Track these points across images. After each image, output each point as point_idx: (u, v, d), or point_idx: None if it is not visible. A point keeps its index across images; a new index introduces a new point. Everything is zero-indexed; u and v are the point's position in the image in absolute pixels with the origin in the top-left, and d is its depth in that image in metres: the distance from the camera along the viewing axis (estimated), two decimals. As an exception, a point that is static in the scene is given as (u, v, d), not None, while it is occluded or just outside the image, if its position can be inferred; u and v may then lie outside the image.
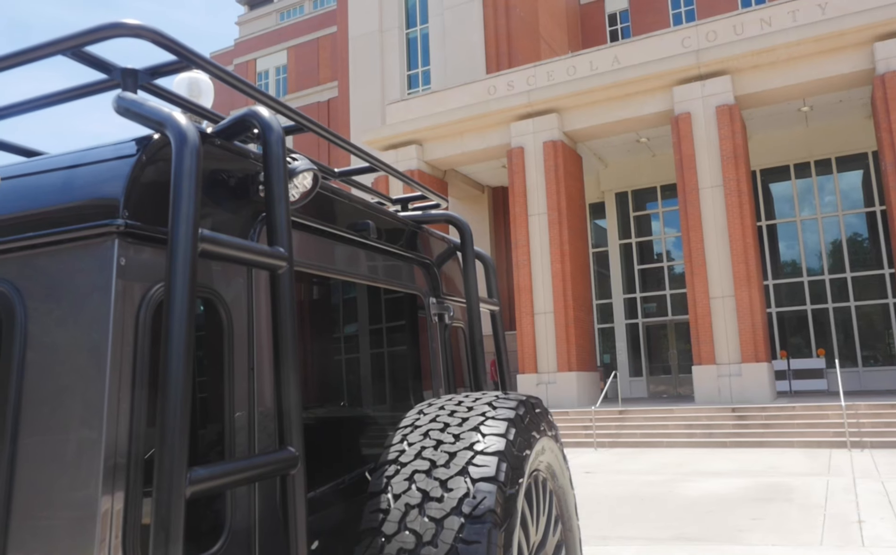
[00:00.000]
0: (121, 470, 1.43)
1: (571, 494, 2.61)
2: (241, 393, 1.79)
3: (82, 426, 1.43)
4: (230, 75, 1.87)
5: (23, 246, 1.56)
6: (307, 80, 40.60)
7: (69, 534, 1.39)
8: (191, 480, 1.32)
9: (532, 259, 23.31)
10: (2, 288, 1.56)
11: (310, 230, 2.23)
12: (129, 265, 1.50)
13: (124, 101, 1.58)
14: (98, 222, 1.49)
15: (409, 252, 2.91)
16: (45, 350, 1.50)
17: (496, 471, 1.87)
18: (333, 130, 2.42)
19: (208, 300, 1.75)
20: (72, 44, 1.64)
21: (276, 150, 1.70)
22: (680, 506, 10.63)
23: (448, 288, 3.22)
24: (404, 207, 3.22)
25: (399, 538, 1.82)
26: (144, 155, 1.57)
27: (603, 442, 19.01)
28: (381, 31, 31.91)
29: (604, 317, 28.65)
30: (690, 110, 21.51)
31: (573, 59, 23.66)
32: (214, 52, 45.16)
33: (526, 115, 23.85)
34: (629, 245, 28.40)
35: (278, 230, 1.67)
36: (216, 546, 1.66)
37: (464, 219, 3.03)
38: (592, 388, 23.44)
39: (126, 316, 1.48)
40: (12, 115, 2.01)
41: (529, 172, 23.63)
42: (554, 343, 22.73)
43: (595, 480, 13.69)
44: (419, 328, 2.98)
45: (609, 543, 8.77)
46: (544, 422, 2.30)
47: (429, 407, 2.21)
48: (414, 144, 25.57)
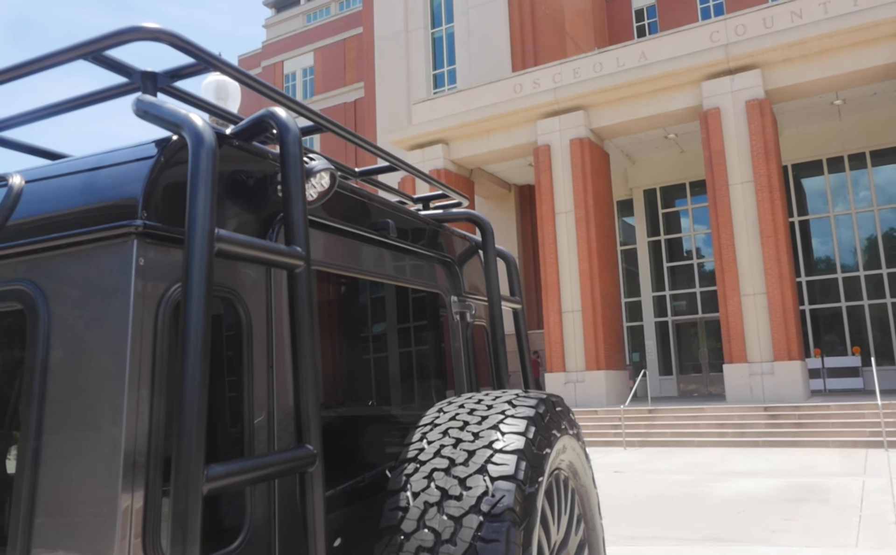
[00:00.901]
0: (140, 467, 1.45)
1: (594, 493, 2.59)
2: (261, 391, 1.80)
3: (103, 424, 1.45)
4: (248, 76, 1.88)
5: (45, 247, 1.59)
6: (333, 82, 40.85)
7: (90, 530, 1.41)
8: (208, 477, 1.33)
9: (559, 257, 23.18)
10: (26, 288, 1.59)
11: (330, 230, 2.24)
12: (148, 265, 1.52)
13: (143, 104, 1.60)
14: (117, 223, 1.51)
15: (430, 251, 2.91)
16: (67, 349, 1.53)
17: (515, 469, 1.86)
18: (360, 131, 2.43)
19: (228, 299, 1.76)
20: (92, 48, 1.67)
21: (293, 150, 1.71)
22: (711, 506, 10.49)
23: (470, 286, 3.21)
24: (426, 205, 3.22)
25: (418, 536, 1.82)
26: (163, 156, 1.59)
27: (632, 441, 18.85)
28: (406, 31, 31.99)
29: (632, 315, 28.39)
30: (719, 105, 21.22)
31: (599, 56, 23.48)
32: (242, 55, 45.67)
33: (552, 112, 23.72)
34: (658, 242, 28.10)
35: (295, 230, 1.68)
36: (235, 543, 1.68)
37: (484, 217, 3.02)
38: (621, 386, 23.25)
39: (145, 315, 1.50)
40: (36, 120, 2.05)
41: (556, 170, 23.50)
42: (582, 341, 22.59)
43: (624, 479, 13.57)
44: (441, 327, 2.98)
45: (638, 543, 8.69)
46: (565, 420, 2.29)
47: (448, 405, 2.21)
48: (440, 143, 25.58)
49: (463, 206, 3.23)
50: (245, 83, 1.88)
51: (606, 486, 12.88)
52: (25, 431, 1.52)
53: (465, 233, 3.29)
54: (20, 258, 1.63)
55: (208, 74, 9.73)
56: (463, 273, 3.15)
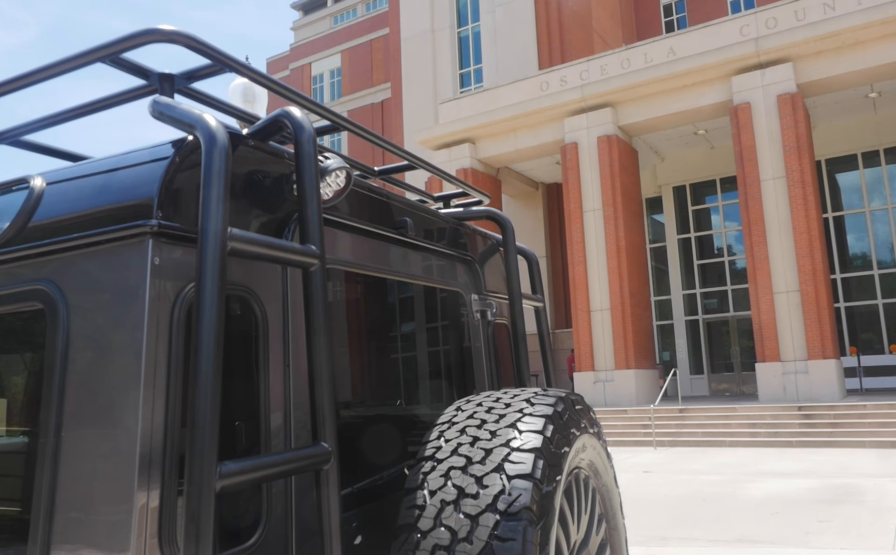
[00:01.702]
0: (156, 465, 1.46)
1: (616, 492, 2.56)
2: (277, 389, 1.81)
3: (119, 422, 1.47)
4: (262, 76, 1.90)
5: (64, 247, 1.62)
6: (361, 83, 41.04)
7: (107, 526, 1.44)
8: (220, 474, 1.34)
9: (587, 256, 23.02)
10: (46, 288, 1.62)
11: (348, 229, 2.25)
12: (163, 264, 1.54)
13: (159, 106, 1.62)
14: (133, 223, 1.54)
15: (450, 249, 2.90)
16: (85, 348, 1.55)
17: (532, 468, 1.85)
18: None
19: (244, 298, 1.78)
20: (110, 51, 1.69)
21: (308, 149, 1.72)
22: (743, 507, 10.33)
23: (491, 285, 3.20)
24: (446, 204, 3.21)
25: (434, 534, 1.81)
26: (177, 157, 1.61)
27: (662, 441, 18.64)
28: (432, 31, 32.01)
29: (662, 313, 28.08)
30: (750, 100, 20.88)
31: (627, 52, 23.26)
32: (270, 57, 46.11)
33: (579, 110, 23.57)
34: (688, 240, 27.75)
35: (310, 228, 1.69)
36: (252, 539, 1.69)
37: (505, 215, 3.00)
38: (651, 386, 23.01)
39: (160, 314, 1.52)
40: (58, 124, 2.09)
41: (584, 168, 23.34)
42: (611, 340, 22.40)
43: (654, 479, 13.43)
44: (461, 325, 2.97)
45: (668, 544, 8.58)
46: (585, 419, 2.26)
47: (467, 404, 2.20)
48: (467, 142, 25.56)
49: (484, 204, 3.21)
50: (260, 83, 1.89)
51: (636, 486, 12.76)
52: (46, 428, 1.55)
53: (486, 231, 3.28)
54: (41, 258, 1.66)
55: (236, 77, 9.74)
56: (484, 271, 3.14)
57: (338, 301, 2.35)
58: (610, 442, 19.19)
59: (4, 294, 1.70)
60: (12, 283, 1.69)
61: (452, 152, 25.71)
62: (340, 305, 2.37)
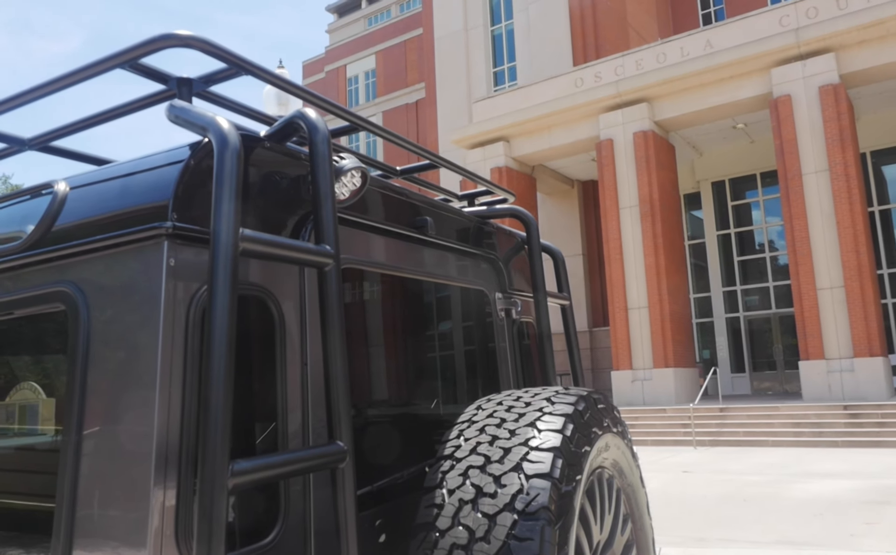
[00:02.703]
0: (173, 463, 1.49)
1: (643, 492, 2.52)
2: (294, 388, 1.83)
3: (136, 421, 1.50)
4: (276, 77, 1.91)
5: (85, 250, 1.66)
6: (395, 83, 41.23)
7: (125, 523, 1.47)
8: (233, 472, 1.36)
9: (624, 253, 22.77)
10: (68, 289, 1.66)
11: (368, 228, 2.25)
12: (178, 266, 1.56)
13: (174, 109, 1.65)
14: (149, 225, 1.56)
15: (473, 248, 2.89)
16: (104, 348, 1.59)
17: (551, 467, 1.83)
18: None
19: (260, 298, 1.79)
20: (128, 57, 1.73)
21: (322, 149, 1.73)
22: (785, 508, 10.11)
23: (517, 283, 3.18)
24: (471, 202, 3.20)
25: (452, 534, 1.81)
26: (192, 159, 1.63)
27: (703, 440, 18.35)
28: (465, 30, 32.00)
29: (702, 311, 27.63)
30: (791, 92, 20.40)
31: (663, 46, 22.93)
32: (306, 60, 46.62)
33: (614, 106, 23.32)
34: (728, 236, 27.25)
35: (325, 228, 1.70)
36: (269, 537, 1.70)
37: (528, 212, 2.98)
38: (691, 384, 22.65)
39: (176, 314, 1.55)
40: (81, 130, 2.14)
41: (619, 165, 23.09)
42: (649, 339, 22.12)
43: (693, 479, 13.23)
44: (486, 324, 2.96)
45: (707, 545, 8.44)
46: (608, 418, 2.23)
47: (487, 402, 2.19)
48: (501, 140, 25.48)
49: (509, 202, 3.20)
50: (277, 85, 1.91)
51: (675, 486, 12.59)
52: (68, 427, 1.59)
53: (510, 229, 3.26)
54: (63, 261, 1.70)
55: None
56: (508, 269, 3.12)
57: (359, 301, 2.36)
58: (648, 442, 18.97)
59: (29, 296, 1.75)
60: (37, 285, 1.74)
61: (486, 151, 25.65)
62: (362, 305, 2.38)
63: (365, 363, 2.40)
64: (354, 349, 2.31)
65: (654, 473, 14.12)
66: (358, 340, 2.36)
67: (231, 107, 2.15)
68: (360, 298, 2.37)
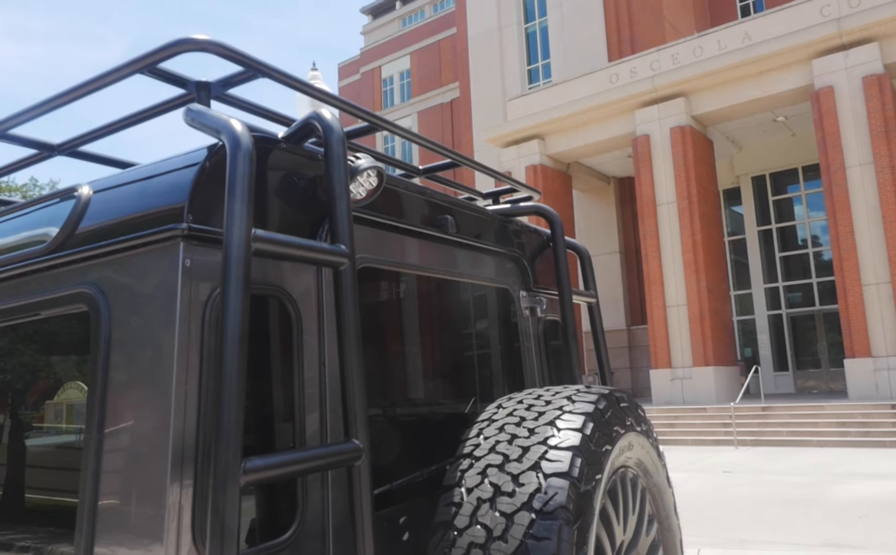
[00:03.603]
0: (189, 461, 1.51)
1: (669, 492, 2.48)
2: (312, 387, 1.84)
3: (153, 419, 1.53)
4: (293, 79, 1.93)
5: (106, 252, 1.70)
6: (430, 83, 41.31)
7: (143, 517, 1.50)
8: (245, 470, 1.37)
9: (662, 250, 22.47)
10: (90, 291, 1.71)
11: (388, 227, 2.26)
12: (194, 266, 1.59)
13: (191, 113, 1.68)
14: (165, 227, 1.60)
15: (497, 246, 2.88)
16: (125, 348, 1.62)
17: (569, 466, 1.82)
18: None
19: (277, 298, 1.81)
20: (147, 62, 1.76)
21: (337, 149, 1.74)
22: (830, 510, 9.86)
23: (543, 281, 3.16)
24: (495, 200, 3.19)
25: (470, 532, 1.81)
26: (208, 162, 1.66)
27: (744, 440, 18.00)
28: (499, 28, 31.91)
29: (743, 308, 27.10)
30: (833, 83, 19.88)
31: (699, 39, 22.55)
32: (342, 62, 47.00)
33: (650, 101, 23.01)
34: (769, 231, 26.68)
35: (340, 228, 1.71)
36: (287, 534, 1.72)
37: (553, 209, 2.96)
38: (732, 383, 22.24)
39: (192, 314, 1.57)
40: (107, 135, 2.20)
41: (656, 160, 22.78)
42: (688, 337, 21.79)
43: (734, 480, 12.99)
44: (510, 322, 2.95)
45: (747, 547, 8.29)
46: (631, 416, 2.21)
47: (508, 401, 2.19)
48: (536, 138, 25.36)
49: (535, 200, 3.18)
50: (293, 86, 1.93)
51: (715, 487, 12.39)
52: (90, 426, 1.63)
53: (535, 226, 3.24)
54: (85, 263, 1.74)
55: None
56: (533, 267, 3.11)
57: (381, 300, 2.37)
58: (688, 441, 18.70)
59: (54, 297, 1.79)
60: (61, 287, 1.78)
61: (521, 149, 25.55)
62: (384, 304, 2.39)
63: (389, 362, 2.40)
64: (378, 349, 2.33)
65: (693, 473, 13.91)
66: (381, 340, 2.37)
67: (252, 109, 2.18)
68: (383, 298, 2.38)
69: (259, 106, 2.18)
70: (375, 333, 2.33)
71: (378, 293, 2.33)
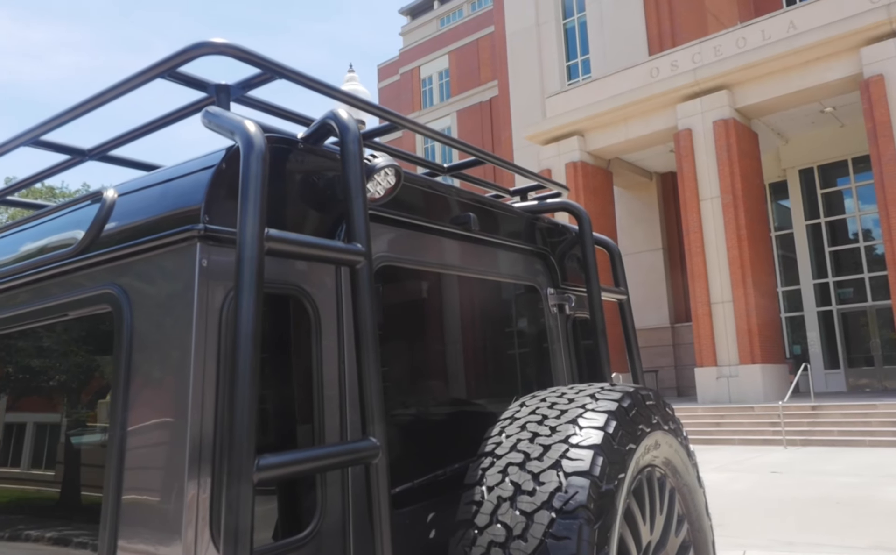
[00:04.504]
0: (206, 457, 1.54)
1: (700, 492, 2.43)
2: (332, 385, 1.86)
3: (171, 416, 1.56)
4: (310, 79, 1.95)
5: (128, 253, 1.74)
6: (468, 82, 41.31)
7: (162, 512, 1.53)
8: (258, 467, 1.39)
9: (706, 246, 22.05)
10: (113, 291, 1.75)
11: (409, 226, 2.26)
12: (211, 266, 1.62)
13: (208, 115, 1.71)
14: (183, 228, 1.63)
15: (523, 243, 2.86)
16: (146, 346, 1.66)
17: (591, 465, 1.80)
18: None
19: (296, 297, 1.83)
20: (167, 66, 1.80)
21: (352, 148, 1.75)
22: (882, 512, 9.55)
23: (570, 278, 3.13)
24: (523, 197, 3.17)
25: (490, 531, 1.80)
26: (224, 163, 1.68)
27: (793, 440, 17.55)
28: (537, 25, 31.71)
29: (792, 305, 26.42)
30: (884, 72, 19.23)
31: (743, 30, 22.06)
32: (381, 63, 47.32)
33: (692, 94, 22.61)
34: (817, 226, 25.96)
35: (356, 226, 1.71)
36: (307, 531, 1.74)
37: (580, 206, 2.93)
38: (780, 381, 21.71)
39: (209, 313, 1.60)
40: (133, 140, 2.25)
41: (699, 155, 22.37)
42: (734, 334, 21.34)
43: (782, 480, 12.68)
44: (537, 320, 2.92)
45: (795, 549, 8.08)
46: (658, 415, 2.16)
47: (531, 399, 2.17)
48: (575, 135, 25.13)
49: (563, 196, 3.15)
50: (309, 86, 1.94)
51: (762, 487, 12.11)
52: (113, 424, 1.67)
53: (563, 223, 3.21)
54: (109, 264, 1.79)
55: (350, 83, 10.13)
56: (562, 264, 3.08)
57: (405, 299, 2.37)
58: (735, 441, 18.33)
59: (81, 298, 1.84)
60: (87, 288, 1.83)
61: (561, 146, 25.35)
62: (408, 303, 2.39)
63: (414, 361, 2.41)
64: (403, 347, 2.33)
65: (740, 473, 13.64)
66: (407, 338, 2.37)
67: (274, 111, 2.20)
68: (407, 296, 2.38)
69: (280, 107, 2.21)
70: (400, 331, 2.34)
71: (403, 292, 2.34)
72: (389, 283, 2.22)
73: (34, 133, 2.16)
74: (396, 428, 2.22)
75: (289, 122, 2.26)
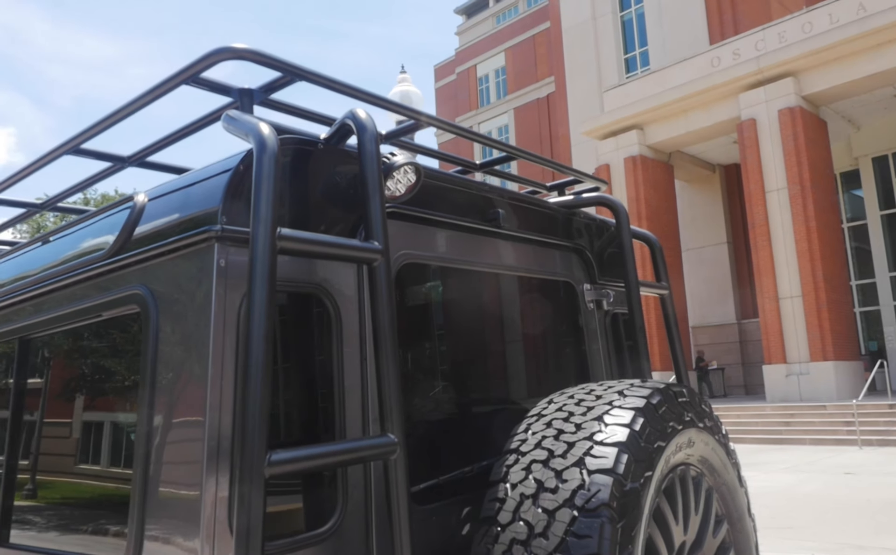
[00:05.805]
0: (224, 453, 1.57)
1: (741, 492, 2.35)
2: (353, 382, 1.87)
3: (190, 413, 1.61)
4: (331, 80, 1.97)
5: (154, 255, 1.80)
6: (525, 79, 41.04)
7: (183, 506, 1.58)
8: (270, 462, 1.41)
9: (773, 239, 21.32)
10: (141, 292, 1.81)
11: (435, 223, 2.26)
12: (228, 267, 1.66)
13: (227, 119, 1.75)
14: (202, 229, 1.67)
15: (558, 238, 2.83)
16: (170, 346, 1.72)
17: (614, 463, 1.76)
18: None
19: (316, 295, 1.85)
20: (190, 73, 1.85)
21: (369, 147, 1.76)
22: (962, 515, 9.06)
23: (609, 273, 3.07)
24: (561, 192, 3.13)
25: (513, 528, 1.79)
26: (241, 165, 1.72)
27: (869, 440, 16.79)
28: (594, 19, 31.26)
29: (867, 299, 25.28)
30: (964, 50, 18.23)
31: (808, 15, 21.22)
32: (438, 63, 47.47)
33: (756, 83, 21.88)
34: (893, 216, 24.76)
35: (373, 224, 1.73)
36: (327, 525, 1.76)
37: (618, 200, 2.87)
38: (854, 378, 20.80)
39: (227, 312, 1.64)
40: (168, 146, 2.33)
41: (764, 145, 21.63)
42: (804, 330, 20.56)
43: (856, 482, 12.16)
44: (574, 317, 2.88)
45: (865, 552, 7.73)
46: (692, 412, 2.10)
47: (559, 396, 2.14)
48: (634, 129, 24.66)
49: (601, 190, 3.09)
50: (329, 87, 1.97)
51: (834, 489, 11.64)
52: (140, 421, 1.74)
53: (601, 217, 3.15)
54: (137, 266, 1.85)
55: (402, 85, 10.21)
56: (600, 260, 3.02)
57: (433, 297, 2.37)
58: (806, 440, 17.68)
59: (112, 299, 1.92)
60: (117, 289, 1.90)
61: (619, 141, 24.92)
62: (436, 301, 2.39)
63: (445, 358, 2.41)
64: (433, 345, 2.34)
65: (812, 474, 13.16)
66: (438, 336, 2.38)
67: (298, 113, 2.23)
68: (435, 294, 2.38)
69: (304, 109, 2.24)
70: (430, 329, 2.34)
71: (428, 290, 2.34)
72: (414, 280, 2.23)
73: (75, 142, 2.25)
74: (425, 426, 2.22)
75: (315, 123, 2.29)
